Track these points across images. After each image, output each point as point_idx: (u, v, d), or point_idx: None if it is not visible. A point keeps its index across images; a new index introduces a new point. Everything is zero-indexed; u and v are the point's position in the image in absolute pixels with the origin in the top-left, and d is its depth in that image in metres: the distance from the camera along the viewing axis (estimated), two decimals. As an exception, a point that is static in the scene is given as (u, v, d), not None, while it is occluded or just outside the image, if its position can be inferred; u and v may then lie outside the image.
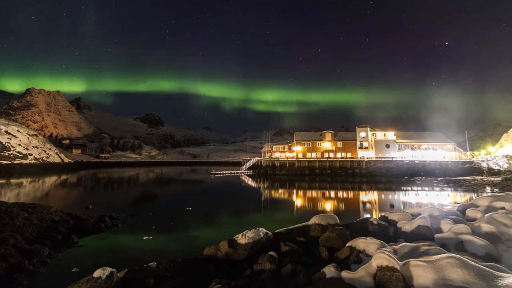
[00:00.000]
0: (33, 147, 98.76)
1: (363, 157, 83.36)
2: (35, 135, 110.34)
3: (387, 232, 12.58)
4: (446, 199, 37.18)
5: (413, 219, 12.97)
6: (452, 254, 6.72)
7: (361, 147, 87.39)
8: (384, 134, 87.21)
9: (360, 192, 45.63)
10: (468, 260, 6.42)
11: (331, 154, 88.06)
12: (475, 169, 72.41)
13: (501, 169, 68.47)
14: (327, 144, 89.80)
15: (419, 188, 48.39)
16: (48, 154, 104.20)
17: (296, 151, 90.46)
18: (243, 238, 11.64)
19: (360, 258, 8.99)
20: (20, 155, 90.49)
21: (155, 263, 10.52)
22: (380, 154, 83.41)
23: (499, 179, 54.65)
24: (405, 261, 6.99)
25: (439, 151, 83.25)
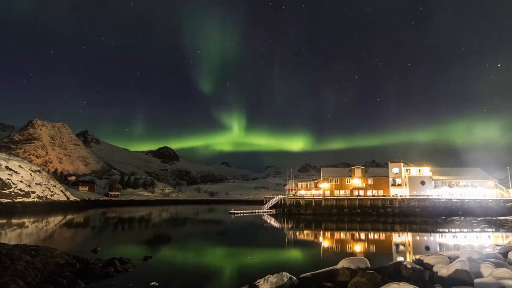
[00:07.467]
0: (36, 184, 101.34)
1: (396, 195, 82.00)
2: (38, 171, 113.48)
3: (422, 276, 12.67)
4: (487, 241, 36.41)
5: (451, 262, 13.04)
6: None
7: (393, 184, 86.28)
8: (419, 170, 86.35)
9: (393, 233, 44.92)
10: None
11: (361, 192, 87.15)
12: (518, 208, 70.08)
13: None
14: (356, 181, 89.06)
15: (457, 229, 47.30)
16: (52, 191, 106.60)
17: (323, 189, 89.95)
18: (265, 283, 11.89)
19: (393, 304, 9.18)
20: (22, 193, 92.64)
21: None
22: (414, 192, 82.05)
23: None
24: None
25: (479, 189, 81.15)
